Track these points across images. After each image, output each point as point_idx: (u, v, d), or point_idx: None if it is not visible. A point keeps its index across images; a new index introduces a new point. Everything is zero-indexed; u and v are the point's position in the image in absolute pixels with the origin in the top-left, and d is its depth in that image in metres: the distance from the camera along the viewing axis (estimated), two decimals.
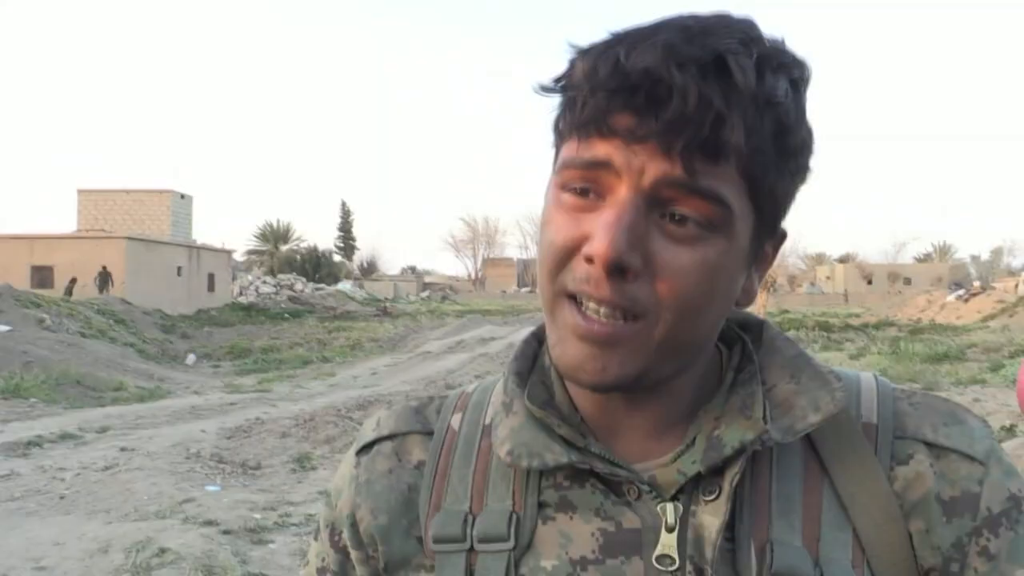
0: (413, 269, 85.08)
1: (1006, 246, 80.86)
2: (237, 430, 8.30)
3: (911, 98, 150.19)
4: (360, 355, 18.31)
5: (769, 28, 0.57)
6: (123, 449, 7.34)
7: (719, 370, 0.65)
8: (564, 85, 0.56)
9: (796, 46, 0.57)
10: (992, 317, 25.33)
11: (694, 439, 0.61)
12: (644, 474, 0.61)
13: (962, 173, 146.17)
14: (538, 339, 0.70)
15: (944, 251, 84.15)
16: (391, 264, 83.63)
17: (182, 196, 40.97)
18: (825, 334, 21.24)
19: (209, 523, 5.17)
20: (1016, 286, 33.93)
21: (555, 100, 0.58)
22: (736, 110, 0.52)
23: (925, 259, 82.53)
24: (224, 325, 25.66)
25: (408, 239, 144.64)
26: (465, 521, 0.63)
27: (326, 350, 19.44)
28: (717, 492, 0.58)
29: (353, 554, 0.68)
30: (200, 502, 5.71)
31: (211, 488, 6.21)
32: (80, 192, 39.89)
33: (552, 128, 0.60)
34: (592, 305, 0.55)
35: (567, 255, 0.56)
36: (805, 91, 0.57)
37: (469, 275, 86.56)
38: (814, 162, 0.59)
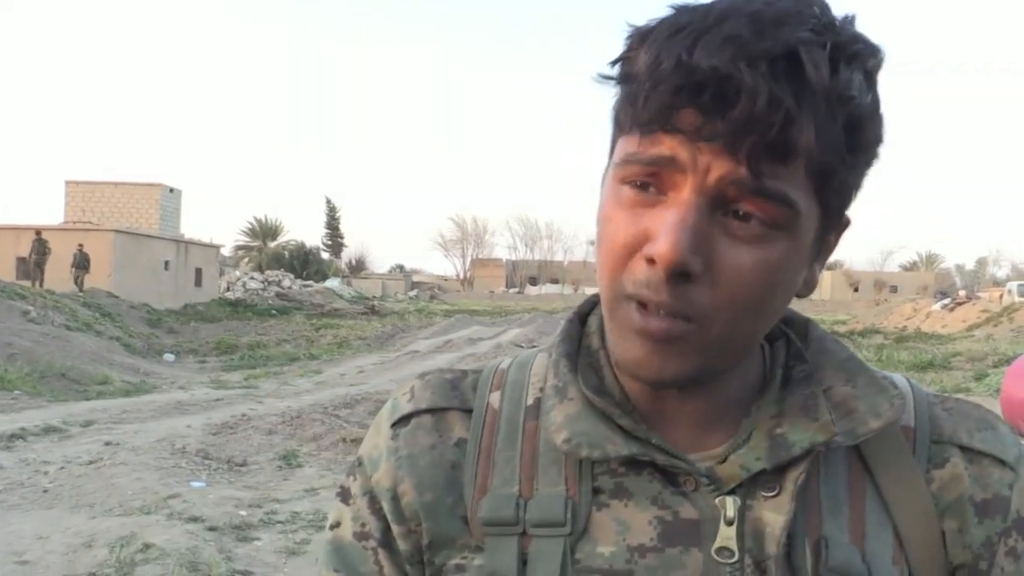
0: (401, 268, 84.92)
1: (991, 256, 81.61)
2: (223, 426, 8.26)
3: (900, 105, 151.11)
4: (347, 353, 18.23)
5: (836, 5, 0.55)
6: (108, 443, 7.29)
7: (762, 363, 0.65)
8: (624, 75, 0.54)
9: (867, 26, 0.55)
10: (977, 326, 25.47)
11: (749, 434, 0.61)
12: (700, 466, 0.61)
13: (950, 182, 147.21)
14: (581, 319, 0.69)
15: (930, 260, 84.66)
16: (379, 262, 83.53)
17: (171, 190, 40.73)
18: None
19: (194, 519, 5.14)
20: (1001, 296, 34.17)
21: (611, 89, 0.57)
22: (807, 110, 0.50)
23: (911, 267, 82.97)
24: (211, 320, 25.51)
25: (397, 238, 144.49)
26: (517, 505, 0.61)
27: (313, 347, 19.37)
28: (778, 489, 0.58)
29: (395, 528, 0.65)
30: (185, 498, 5.68)
31: (196, 484, 6.18)
32: (68, 184, 39.57)
33: (611, 119, 0.58)
34: (651, 305, 0.54)
35: (627, 254, 0.55)
36: (878, 79, 0.55)
37: (457, 275, 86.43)
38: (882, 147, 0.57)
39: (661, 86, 0.51)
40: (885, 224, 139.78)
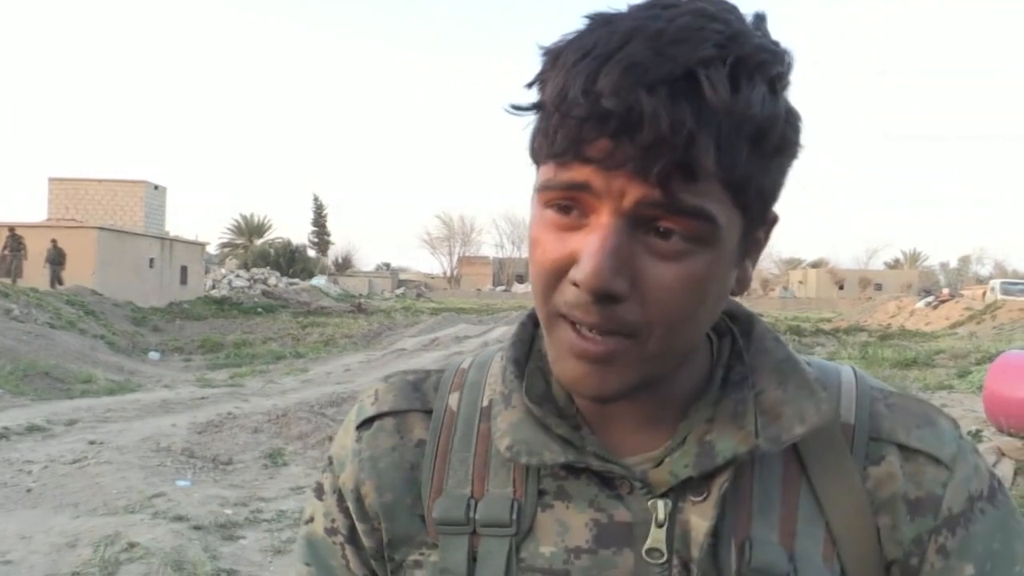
0: (388, 266, 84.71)
1: (974, 255, 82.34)
2: (208, 425, 8.22)
3: (886, 105, 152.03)
4: (334, 351, 18.18)
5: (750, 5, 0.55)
6: (92, 442, 7.24)
7: (709, 360, 0.66)
8: (536, 103, 0.56)
9: (777, 26, 0.55)
10: (960, 324, 25.69)
11: (685, 438, 0.63)
12: (636, 470, 0.63)
13: (934, 180, 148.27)
14: (534, 322, 0.71)
15: (914, 258, 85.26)
16: (366, 260, 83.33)
17: (156, 187, 40.46)
18: (796, 338, 21.42)
19: (179, 518, 5.12)
20: (984, 294, 34.45)
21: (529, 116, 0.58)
22: (709, 129, 0.51)
23: (895, 265, 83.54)
24: (196, 318, 25.35)
25: (383, 236, 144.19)
26: (468, 505, 0.65)
27: (299, 346, 19.29)
28: (705, 495, 0.61)
29: (359, 526, 0.69)
30: (170, 497, 5.65)
31: (181, 483, 6.15)
32: (51, 180, 39.24)
33: (528, 147, 0.59)
34: (583, 326, 0.56)
35: (556, 276, 0.57)
36: (785, 83, 0.55)
37: (444, 273, 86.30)
38: (803, 141, 0.58)
39: (568, 119, 0.52)
40: (870, 222, 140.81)
